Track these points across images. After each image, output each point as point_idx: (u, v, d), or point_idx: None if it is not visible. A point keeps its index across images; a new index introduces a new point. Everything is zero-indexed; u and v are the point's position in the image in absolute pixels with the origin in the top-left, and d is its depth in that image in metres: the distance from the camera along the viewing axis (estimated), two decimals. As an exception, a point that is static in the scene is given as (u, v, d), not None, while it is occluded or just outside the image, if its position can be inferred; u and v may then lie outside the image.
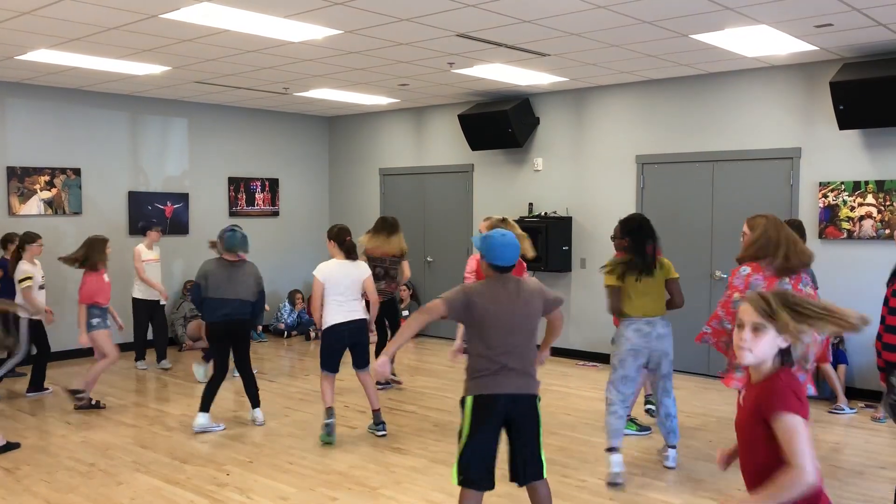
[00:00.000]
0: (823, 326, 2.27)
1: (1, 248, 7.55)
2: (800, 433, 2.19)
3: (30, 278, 6.84)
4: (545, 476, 3.73)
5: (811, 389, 4.37)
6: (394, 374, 7.61)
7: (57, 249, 7.83)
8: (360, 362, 5.99)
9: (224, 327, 6.07)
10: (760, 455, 2.30)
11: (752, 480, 2.39)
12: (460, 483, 3.61)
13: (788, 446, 2.19)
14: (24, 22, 5.87)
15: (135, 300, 8.46)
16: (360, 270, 5.98)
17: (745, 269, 4.28)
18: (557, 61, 7.28)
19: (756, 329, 2.28)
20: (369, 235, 7.45)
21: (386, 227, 7.42)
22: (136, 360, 8.54)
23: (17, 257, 7.05)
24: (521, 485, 3.72)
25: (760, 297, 2.31)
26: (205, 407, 6.07)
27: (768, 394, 2.25)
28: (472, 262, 6.26)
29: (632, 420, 5.99)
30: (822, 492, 2.27)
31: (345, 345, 5.93)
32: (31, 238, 7.10)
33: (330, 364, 5.92)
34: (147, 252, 8.49)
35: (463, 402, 3.65)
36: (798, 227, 5.80)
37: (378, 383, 6.93)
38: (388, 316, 7.62)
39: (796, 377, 2.33)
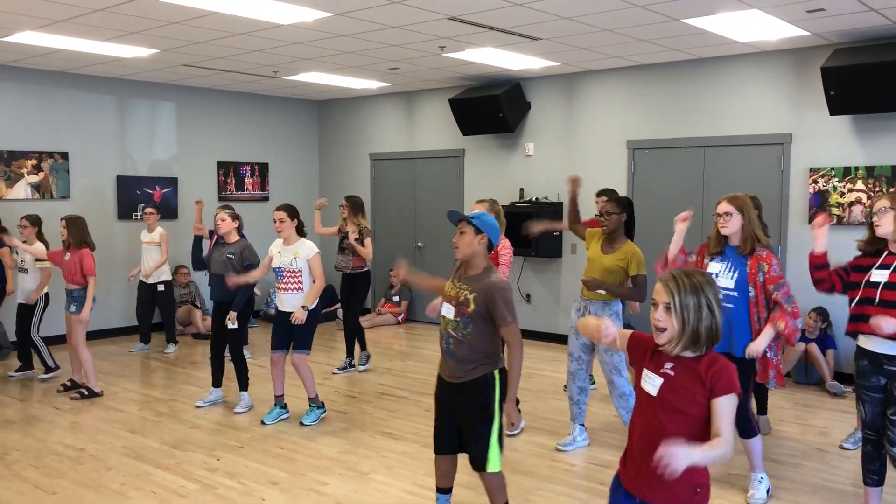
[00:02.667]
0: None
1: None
2: (732, 413, 2.33)
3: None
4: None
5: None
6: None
7: (47, 234, 7.75)
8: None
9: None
10: (687, 426, 2.35)
11: (654, 445, 2.35)
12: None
13: (723, 423, 2.30)
14: (8, 3, 5.78)
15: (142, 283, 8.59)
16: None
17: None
18: (549, 45, 7.24)
19: (668, 308, 2.34)
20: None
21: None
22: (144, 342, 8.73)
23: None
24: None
25: (671, 276, 2.37)
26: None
27: (717, 374, 2.32)
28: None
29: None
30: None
31: None
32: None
33: None
34: (146, 234, 8.49)
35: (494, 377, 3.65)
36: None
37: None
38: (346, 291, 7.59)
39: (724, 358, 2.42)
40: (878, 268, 3.82)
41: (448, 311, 3.61)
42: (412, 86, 9.86)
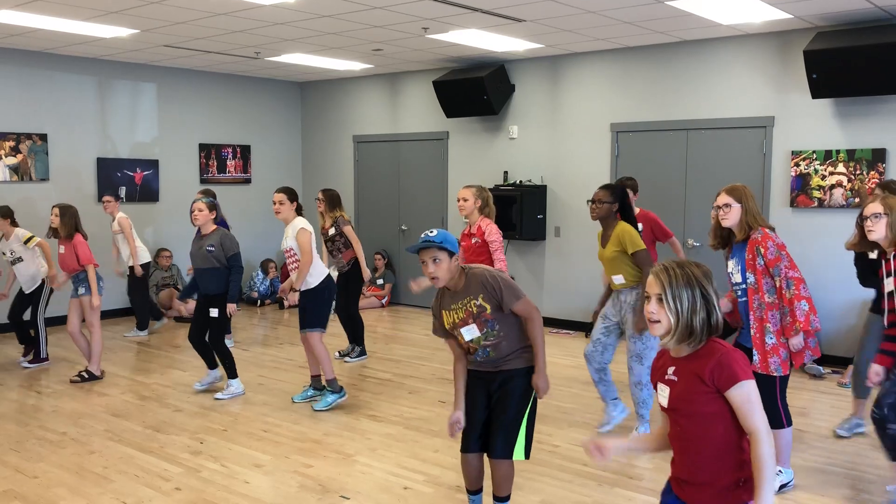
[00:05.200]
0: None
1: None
2: (754, 401, 2.24)
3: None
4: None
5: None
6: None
7: (26, 217, 7.68)
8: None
9: None
10: (709, 425, 2.30)
11: (701, 458, 2.35)
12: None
13: (748, 415, 2.23)
14: (-16, -19, 5.69)
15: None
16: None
17: None
18: (533, 27, 7.21)
19: (660, 300, 2.30)
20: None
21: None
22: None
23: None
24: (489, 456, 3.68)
25: (663, 267, 2.32)
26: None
27: (716, 369, 2.25)
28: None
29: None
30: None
31: None
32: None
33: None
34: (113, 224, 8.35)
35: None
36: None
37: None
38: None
39: (727, 344, 2.34)
40: (887, 276, 3.86)
41: (471, 331, 3.49)
42: (396, 67, 9.80)
